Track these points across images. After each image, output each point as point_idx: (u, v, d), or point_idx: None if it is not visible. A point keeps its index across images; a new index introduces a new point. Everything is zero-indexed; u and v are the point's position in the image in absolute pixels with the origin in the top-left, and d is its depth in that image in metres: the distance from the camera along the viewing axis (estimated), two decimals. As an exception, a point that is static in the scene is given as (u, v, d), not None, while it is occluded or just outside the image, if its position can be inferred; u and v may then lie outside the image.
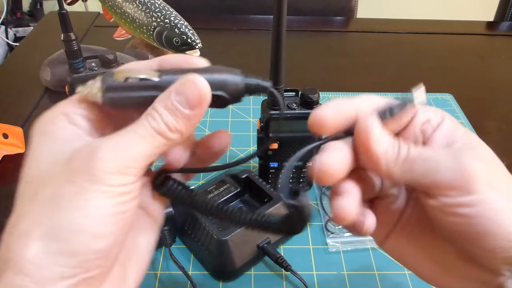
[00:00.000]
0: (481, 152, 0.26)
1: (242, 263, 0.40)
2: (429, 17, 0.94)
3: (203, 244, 0.40)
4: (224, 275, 0.41)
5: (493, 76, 0.75)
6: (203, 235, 0.40)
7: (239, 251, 0.40)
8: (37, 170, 0.23)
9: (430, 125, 0.27)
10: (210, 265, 0.42)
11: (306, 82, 0.70)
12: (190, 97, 0.23)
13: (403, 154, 0.25)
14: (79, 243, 0.21)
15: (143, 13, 0.59)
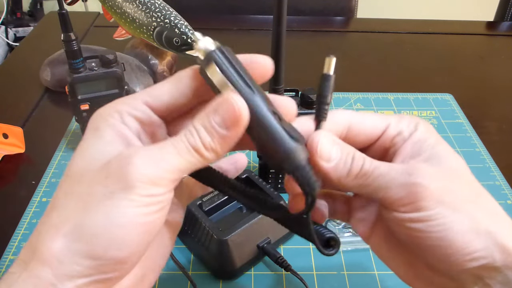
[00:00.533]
0: (444, 164, 0.25)
1: (242, 263, 0.40)
2: (429, 17, 0.94)
3: (203, 244, 0.40)
4: (224, 275, 0.41)
5: (493, 76, 0.75)
6: (203, 235, 0.40)
7: (239, 251, 0.40)
8: (78, 166, 0.23)
9: (401, 138, 0.27)
10: (210, 265, 0.42)
11: (306, 82, 0.69)
12: (227, 118, 0.23)
13: (356, 169, 0.25)
14: (100, 248, 0.21)
15: (143, 13, 0.59)
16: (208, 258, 0.41)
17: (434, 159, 0.25)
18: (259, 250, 0.41)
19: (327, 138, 0.26)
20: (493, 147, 0.57)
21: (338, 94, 0.67)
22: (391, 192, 0.25)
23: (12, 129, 0.55)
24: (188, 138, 0.23)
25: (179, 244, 0.44)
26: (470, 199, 0.25)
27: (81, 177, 0.23)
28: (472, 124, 0.62)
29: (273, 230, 0.42)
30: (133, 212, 0.21)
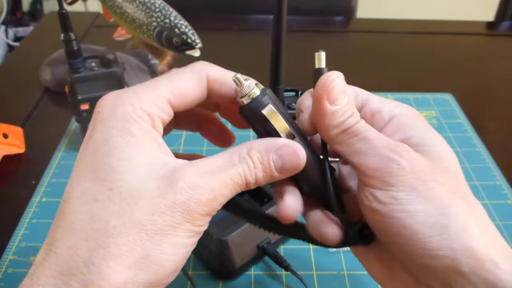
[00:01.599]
0: (433, 153, 0.24)
1: (242, 263, 0.41)
2: (429, 17, 0.94)
3: (202, 244, 0.41)
4: (224, 275, 0.41)
5: (493, 76, 0.75)
6: (203, 235, 0.40)
7: (239, 251, 0.40)
8: (127, 183, 0.21)
9: (381, 118, 0.26)
10: (210, 264, 0.42)
11: (306, 82, 0.69)
12: (287, 164, 0.24)
13: (349, 123, 0.25)
14: (163, 277, 0.21)
15: (143, 13, 0.59)
16: (208, 258, 0.41)
17: (424, 146, 0.25)
18: (259, 250, 0.41)
19: (342, 84, 0.26)
20: (493, 147, 0.57)
21: (338, 94, 0.67)
22: (368, 159, 0.24)
23: (12, 129, 0.55)
24: (245, 171, 0.23)
25: (179, 244, 0.44)
26: (448, 194, 0.23)
27: (138, 199, 0.21)
28: (472, 124, 0.62)
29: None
30: (188, 242, 0.22)
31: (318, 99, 0.25)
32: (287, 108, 0.43)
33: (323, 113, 0.25)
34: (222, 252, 0.39)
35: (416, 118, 0.26)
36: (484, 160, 0.55)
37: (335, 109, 0.25)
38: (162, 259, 0.21)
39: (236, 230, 0.40)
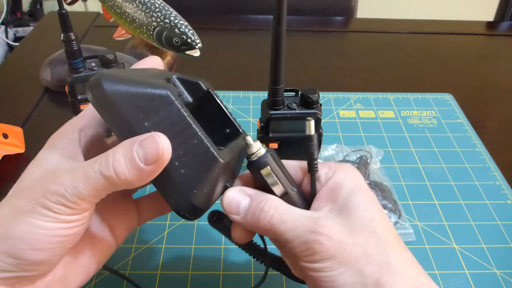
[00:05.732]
0: (353, 216, 0.28)
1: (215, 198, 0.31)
2: (429, 17, 0.94)
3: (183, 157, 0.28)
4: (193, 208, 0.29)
5: (493, 76, 0.75)
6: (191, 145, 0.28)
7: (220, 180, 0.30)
8: (24, 181, 0.27)
9: (318, 182, 0.31)
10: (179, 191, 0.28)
11: (306, 82, 0.70)
12: (148, 152, 0.25)
13: (263, 221, 0.29)
14: (20, 251, 0.25)
15: (143, 13, 0.59)
16: (181, 181, 0.28)
17: (345, 210, 0.29)
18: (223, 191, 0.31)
19: (236, 193, 0.30)
20: (493, 147, 0.57)
21: (338, 94, 0.67)
22: (294, 244, 0.28)
23: (12, 129, 0.55)
24: (101, 165, 0.25)
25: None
26: (364, 254, 0.27)
27: (21, 191, 0.26)
28: (472, 124, 0.62)
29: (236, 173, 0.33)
30: (48, 226, 0.25)
31: (230, 217, 0.30)
32: (287, 108, 0.43)
33: (239, 224, 0.30)
34: (207, 174, 0.28)
35: (343, 179, 0.30)
36: (484, 160, 0.55)
37: (243, 216, 0.29)
38: (18, 235, 0.24)
39: (230, 152, 0.30)
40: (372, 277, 0.27)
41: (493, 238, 0.45)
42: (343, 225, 0.28)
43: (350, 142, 0.57)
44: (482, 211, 0.48)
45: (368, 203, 0.29)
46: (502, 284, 0.41)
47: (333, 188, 0.30)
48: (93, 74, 0.49)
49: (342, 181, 0.30)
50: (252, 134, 0.58)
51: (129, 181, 0.25)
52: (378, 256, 0.27)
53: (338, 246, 0.27)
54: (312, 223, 0.28)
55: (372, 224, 0.28)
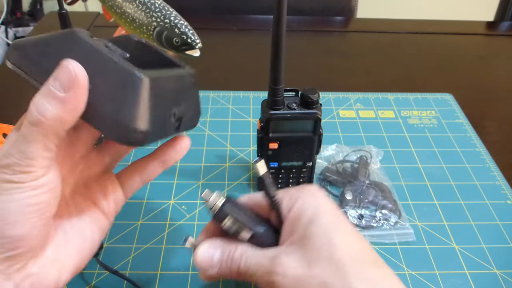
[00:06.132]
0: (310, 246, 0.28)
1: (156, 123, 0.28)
2: (429, 17, 0.94)
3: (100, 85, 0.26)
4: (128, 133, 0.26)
5: (493, 76, 0.75)
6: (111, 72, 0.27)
7: (157, 102, 0.28)
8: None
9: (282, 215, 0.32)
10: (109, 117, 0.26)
11: (306, 82, 0.70)
12: (64, 80, 0.25)
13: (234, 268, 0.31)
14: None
15: (143, 13, 0.59)
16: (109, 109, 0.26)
17: (304, 240, 0.29)
18: (173, 118, 0.30)
19: (207, 248, 0.32)
20: (493, 147, 0.57)
21: (338, 94, 0.67)
22: (262, 286, 0.30)
23: (12, 129, 0.55)
24: (27, 117, 0.25)
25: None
26: (323, 283, 0.27)
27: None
28: (472, 124, 0.62)
29: (187, 101, 0.32)
30: (16, 198, 0.25)
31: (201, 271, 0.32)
32: (287, 108, 0.43)
33: (216, 275, 0.32)
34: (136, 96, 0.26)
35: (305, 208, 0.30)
36: (484, 160, 0.55)
37: (217, 269, 0.31)
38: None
39: (156, 75, 0.28)
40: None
41: (493, 238, 0.45)
42: (301, 258, 0.28)
43: (350, 142, 0.57)
44: (482, 211, 0.48)
45: (328, 228, 0.29)
46: (502, 284, 0.41)
47: (293, 219, 0.30)
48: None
49: (301, 210, 0.30)
50: (252, 134, 0.58)
51: (58, 116, 0.25)
52: (338, 284, 0.27)
53: (296, 282, 0.27)
54: (269, 264, 0.29)
55: (330, 250, 0.28)
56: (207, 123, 0.60)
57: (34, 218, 0.26)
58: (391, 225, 0.46)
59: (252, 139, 0.58)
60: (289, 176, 0.48)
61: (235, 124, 0.60)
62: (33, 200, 0.25)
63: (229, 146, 0.56)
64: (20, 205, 0.25)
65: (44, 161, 0.25)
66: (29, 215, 0.25)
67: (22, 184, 0.25)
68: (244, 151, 0.56)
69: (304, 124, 0.44)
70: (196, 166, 0.53)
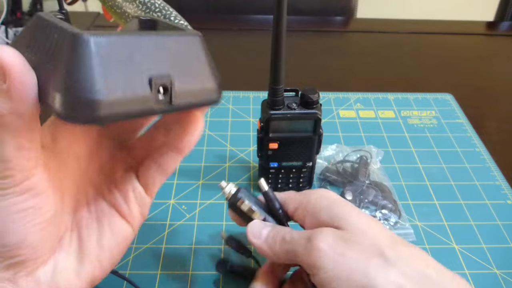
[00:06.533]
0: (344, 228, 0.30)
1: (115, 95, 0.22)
2: (429, 17, 0.94)
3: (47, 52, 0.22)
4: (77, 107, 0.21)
5: (493, 76, 0.75)
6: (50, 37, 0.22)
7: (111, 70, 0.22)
8: None
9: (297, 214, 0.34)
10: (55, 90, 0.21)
11: (306, 82, 0.70)
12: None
13: (278, 241, 0.32)
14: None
15: (143, 13, 0.59)
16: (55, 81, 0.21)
17: (332, 224, 0.30)
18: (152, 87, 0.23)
19: (259, 222, 0.34)
20: (493, 147, 0.57)
21: (338, 94, 0.67)
22: (299, 256, 0.30)
23: None
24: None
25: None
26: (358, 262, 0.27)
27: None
28: (472, 124, 0.62)
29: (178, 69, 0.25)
30: (5, 204, 0.23)
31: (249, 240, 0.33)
32: (287, 108, 0.43)
33: (260, 247, 0.33)
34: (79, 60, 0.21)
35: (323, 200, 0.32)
36: (484, 160, 0.55)
37: (264, 239, 0.33)
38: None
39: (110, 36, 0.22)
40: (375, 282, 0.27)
41: (493, 238, 0.45)
42: (335, 237, 0.29)
43: (350, 142, 0.57)
44: (482, 211, 0.48)
45: (353, 213, 0.30)
46: (502, 284, 0.41)
47: (314, 212, 0.32)
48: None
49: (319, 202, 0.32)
50: (253, 134, 0.58)
51: (12, 110, 0.22)
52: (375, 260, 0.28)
53: (334, 258, 0.28)
54: (306, 242, 0.30)
55: (363, 229, 0.29)
56: (207, 123, 0.60)
57: (25, 224, 0.24)
58: (391, 225, 0.46)
59: (252, 139, 0.58)
60: (289, 176, 0.48)
61: (235, 124, 0.60)
62: (18, 206, 0.24)
63: (229, 146, 0.56)
64: (6, 213, 0.24)
65: (23, 162, 0.23)
66: (19, 222, 0.24)
67: (3, 191, 0.23)
68: (244, 151, 0.56)
69: (304, 124, 0.44)
70: (196, 166, 0.53)
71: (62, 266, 0.27)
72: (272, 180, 0.49)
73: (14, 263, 0.25)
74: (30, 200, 0.24)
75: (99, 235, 0.29)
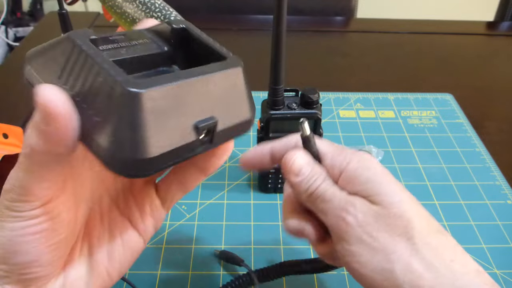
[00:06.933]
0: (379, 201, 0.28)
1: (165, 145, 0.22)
2: (429, 17, 0.94)
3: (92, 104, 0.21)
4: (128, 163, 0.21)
5: (493, 76, 0.75)
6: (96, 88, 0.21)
7: (162, 122, 0.21)
8: None
9: (333, 174, 0.30)
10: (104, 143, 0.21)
11: (306, 82, 0.70)
12: (42, 111, 0.21)
13: (312, 188, 0.30)
14: (6, 256, 0.24)
15: (143, 13, 0.59)
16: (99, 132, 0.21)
17: (368, 196, 0.28)
18: (198, 133, 0.23)
19: (303, 158, 0.31)
20: (493, 147, 0.57)
21: (338, 94, 0.67)
22: (327, 218, 0.29)
23: (12, 129, 0.55)
24: (22, 148, 0.23)
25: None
26: (392, 240, 0.27)
27: None
28: (472, 124, 0.62)
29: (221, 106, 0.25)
30: (15, 227, 0.24)
31: (285, 175, 0.31)
32: (287, 108, 0.43)
33: (292, 185, 0.31)
34: (132, 116, 0.20)
35: (364, 169, 0.29)
36: (484, 160, 0.55)
37: (299, 180, 0.30)
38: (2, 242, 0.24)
39: (159, 84, 0.21)
40: (401, 264, 0.26)
41: (493, 238, 0.45)
42: (370, 209, 0.28)
43: (350, 142, 0.57)
44: (482, 211, 0.48)
45: (394, 189, 0.28)
46: (502, 284, 0.41)
47: (353, 177, 0.29)
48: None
49: (360, 169, 0.29)
50: (253, 134, 0.58)
51: (46, 150, 0.21)
52: (405, 244, 0.27)
53: (366, 229, 0.27)
54: (345, 200, 0.28)
55: (396, 208, 0.27)
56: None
57: (38, 246, 0.24)
58: (391, 225, 0.46)
59: (252, 139, 0.58)
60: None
61: (235, 124, 0.60)
62: (33, 229, 0.24)
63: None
64: (18, 234, 0.24)
65: (43, 191, 0.23)
66: (32, 244, 0.24)
67: (19, 213, 0.23)
68: (244, 151, 0.56)
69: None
70: (196, 166, 0.53)
71: (72, 278, 0.27)
72: (272, 180, 0.49)
73: (25, 279, 0.25)
74: (44, 223, 0.24)
75: (110, 247, 0.29)
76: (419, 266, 0.26)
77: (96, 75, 0.21)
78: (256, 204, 0.49)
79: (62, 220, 0.25)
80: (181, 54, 0.27)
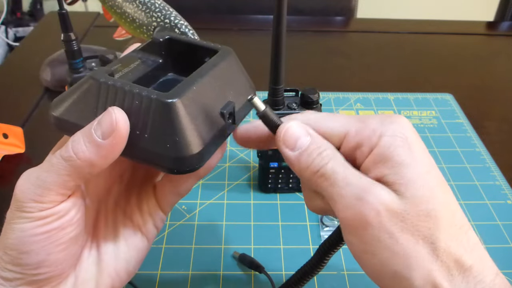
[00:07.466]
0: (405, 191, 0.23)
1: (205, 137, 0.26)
2: (429, 17, 0.94)
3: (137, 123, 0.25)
4: (182, 161, 0.25)
5: (493, 76, 0.75)
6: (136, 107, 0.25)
7: (198, 120, 0.26)
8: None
9: (361, 152, 0.25)
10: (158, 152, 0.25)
11: (306, 82, 0.70)
12: (105, 127, 0.24)
13: (316, 166, 0.25)
14: (18, 257, 0.25)
15: (143, 13, 0.59)
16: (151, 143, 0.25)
17: (396, 183, 0.23)
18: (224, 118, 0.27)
19: (299, 127, 0.25)
20: (493, 147, 0.57)
21: (338, 94, 0.67)
22: (337, 206, 0.24)
23: (12, 129, 0.55)
24: (61, 151, 0.24)
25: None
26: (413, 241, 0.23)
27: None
28: (472, 124, 0.62)
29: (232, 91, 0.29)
30: (27, 227, 0.24)
31: (279, 148, 0.26)
32: (287, 108, 0.43)
33: (288, 160, 0.26)
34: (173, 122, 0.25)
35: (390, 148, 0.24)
36: (484, 160, 0.55)
37: (297, 154, 0.25)
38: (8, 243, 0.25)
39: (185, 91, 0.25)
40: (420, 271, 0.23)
41: (493, 238, 0.45)
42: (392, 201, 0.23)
43: (350, 142, 0.57)
44: (482, 211, 0.48)
45: (426, 178, 0.23)
46: (502, 284, 0.41)
47: (382, 158, 0.24)
48: None
49: (390, 149, 0.24)
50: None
51: (90, 160, 0.24)
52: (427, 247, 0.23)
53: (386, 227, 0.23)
54: (362, 188, 0.23)
55: (427, 206, 0.23)
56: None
57: (48, 245, 0.25)
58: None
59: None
60: (289, 176, 0.48)
61: (235, 124, 0.60)
62: (42, 229, 0.24)
63: (229, 146, 0.56)
64: (30, 235, 0.24)
65: (57, 196, 0.25)
66: (42, 243, 0.25)
67: (32, 214, 0.24)
68: (244, 151, 0.56)
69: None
70: (196, 166, 0.53)
71: (83, 278, 0.28)
72: (272, 180, 0.49)
73: (37, 280, 0.25)
74: (54, 223, 0.25)
75: (115, 246, 0.30)
76: (437, 273, 0.23)
77: (132, 100, 0.25)
78: (256, 204, 0.49)
79: (71, 219, 0.26)
80: (173, 61, 0.32)
